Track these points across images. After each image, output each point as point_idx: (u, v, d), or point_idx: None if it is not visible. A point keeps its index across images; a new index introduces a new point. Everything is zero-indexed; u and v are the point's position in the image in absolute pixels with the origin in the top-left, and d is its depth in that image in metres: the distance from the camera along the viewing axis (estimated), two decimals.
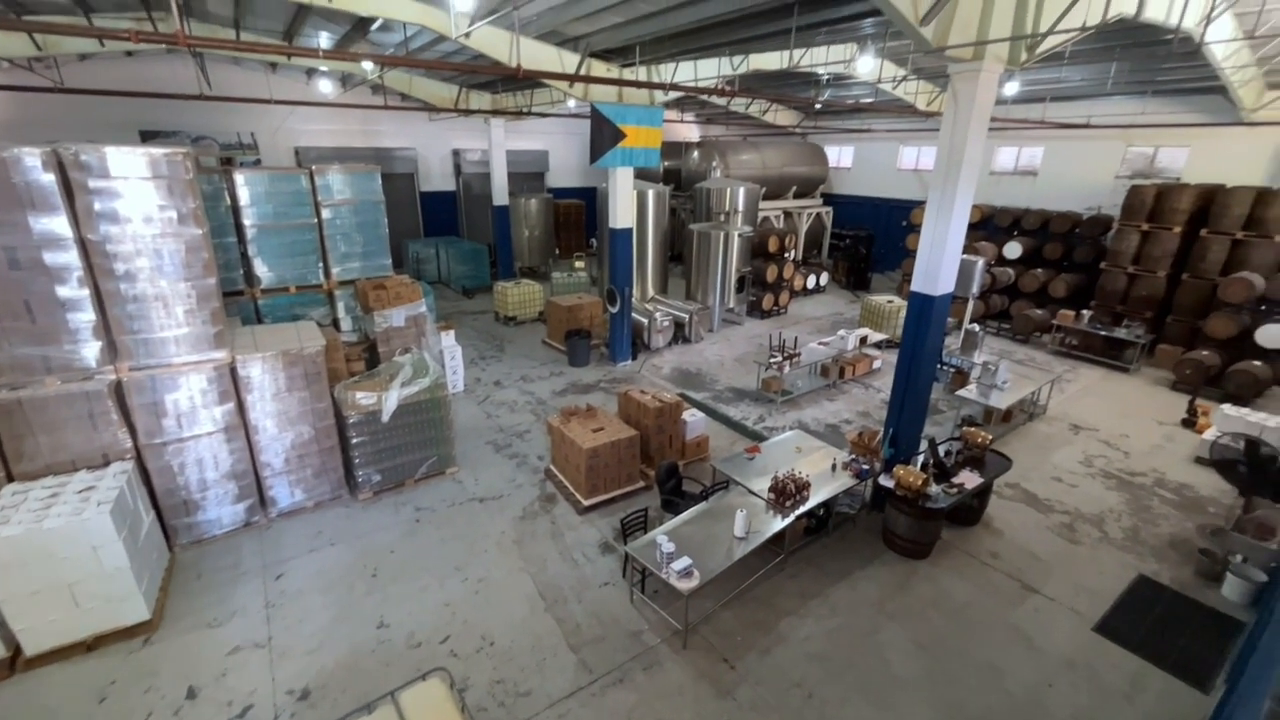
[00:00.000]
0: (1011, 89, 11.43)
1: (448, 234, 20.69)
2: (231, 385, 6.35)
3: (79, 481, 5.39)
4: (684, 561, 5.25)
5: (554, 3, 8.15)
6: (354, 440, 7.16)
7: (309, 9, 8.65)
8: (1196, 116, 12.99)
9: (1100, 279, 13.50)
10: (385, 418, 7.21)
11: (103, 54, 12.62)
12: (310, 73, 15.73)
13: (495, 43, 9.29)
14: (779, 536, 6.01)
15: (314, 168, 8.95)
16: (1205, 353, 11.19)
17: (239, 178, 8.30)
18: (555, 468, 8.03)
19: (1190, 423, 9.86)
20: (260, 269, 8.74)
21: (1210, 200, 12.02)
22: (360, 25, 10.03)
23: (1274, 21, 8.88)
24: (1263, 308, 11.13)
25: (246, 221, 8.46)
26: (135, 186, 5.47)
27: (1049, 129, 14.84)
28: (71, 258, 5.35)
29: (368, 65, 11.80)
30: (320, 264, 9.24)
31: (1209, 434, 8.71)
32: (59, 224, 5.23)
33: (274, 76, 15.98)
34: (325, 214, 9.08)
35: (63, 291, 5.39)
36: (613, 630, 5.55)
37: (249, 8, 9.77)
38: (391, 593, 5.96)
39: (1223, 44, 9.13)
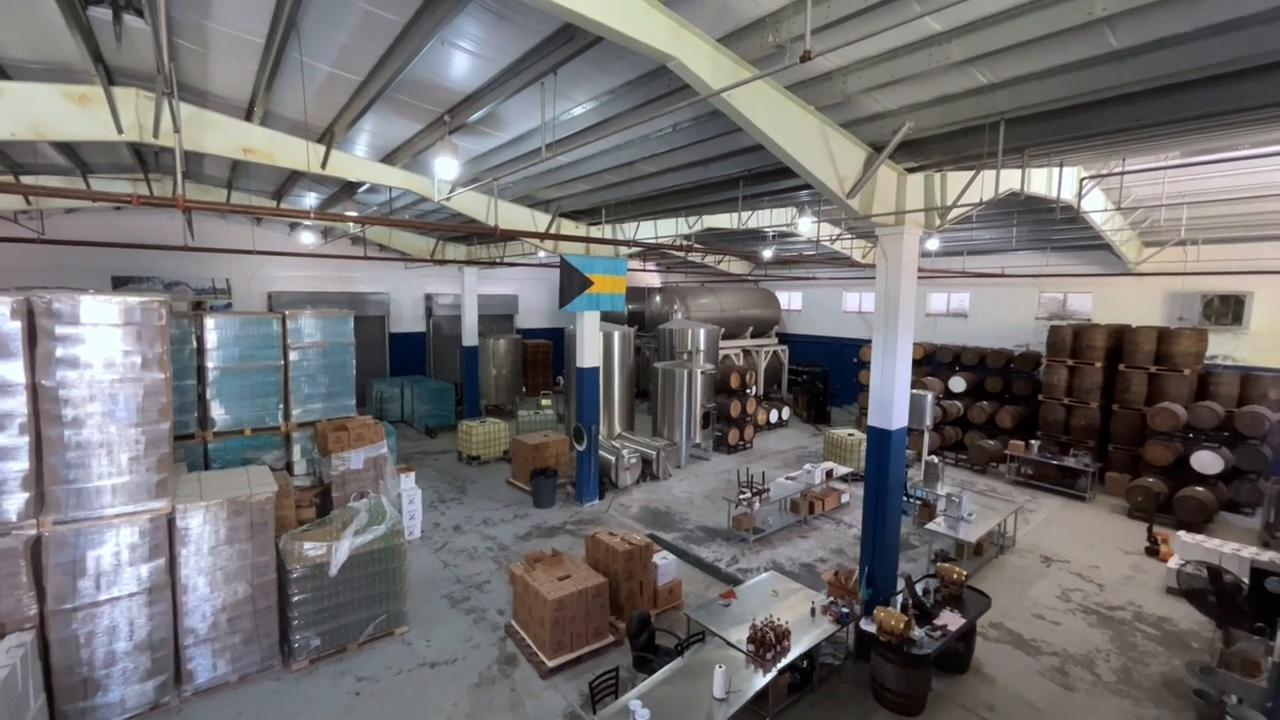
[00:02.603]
0: (933, 245, 13.02)
1: (415, 373, 20.82)
2: (166, 538, 5.86)
3: None
4: None
5: (529, 174, 9.18)
6: (295, 598, 6.52)
7: (302, 174, 9.46)
8: (1093, 268, 14.90)
9: (1041, 410, 14.34)
10: (334, 571, 6.67)
11: (90, 207, 13.23)
12: (294, 225, 16.71)
13: (474, 205, 10.22)
14: (762, 695, 5.53)
15: (287, 312, 9.16)
16: (1151, 480, 11.67)
17: (209, 321, 8.39)
18: (517, 623, 7.40)
19: (1154, 551, 9.97)
20: (217, 411, 8.51)
21: (1121, 338, 13.35)
22: (348, 187, 10.95)
23: (1135, 195, 10.67)
24: (1190, 435, 11.91)
25: (209, 364, 8.40)
26: (103, 333, 5.48)
27: (970, 277, 16.66)
28: (17, 404, 5.15)
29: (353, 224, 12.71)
30: (281, 405, 9.08)
31: (1173, 562, 8.79)
32: (13, 370, 5.12)
33: (258, 228, 16.89)
34: (293, 356, 9.12)
35: None
36: None
37: (244, 171, 10.61)
38: None
39: (1097, 212, 10.81)
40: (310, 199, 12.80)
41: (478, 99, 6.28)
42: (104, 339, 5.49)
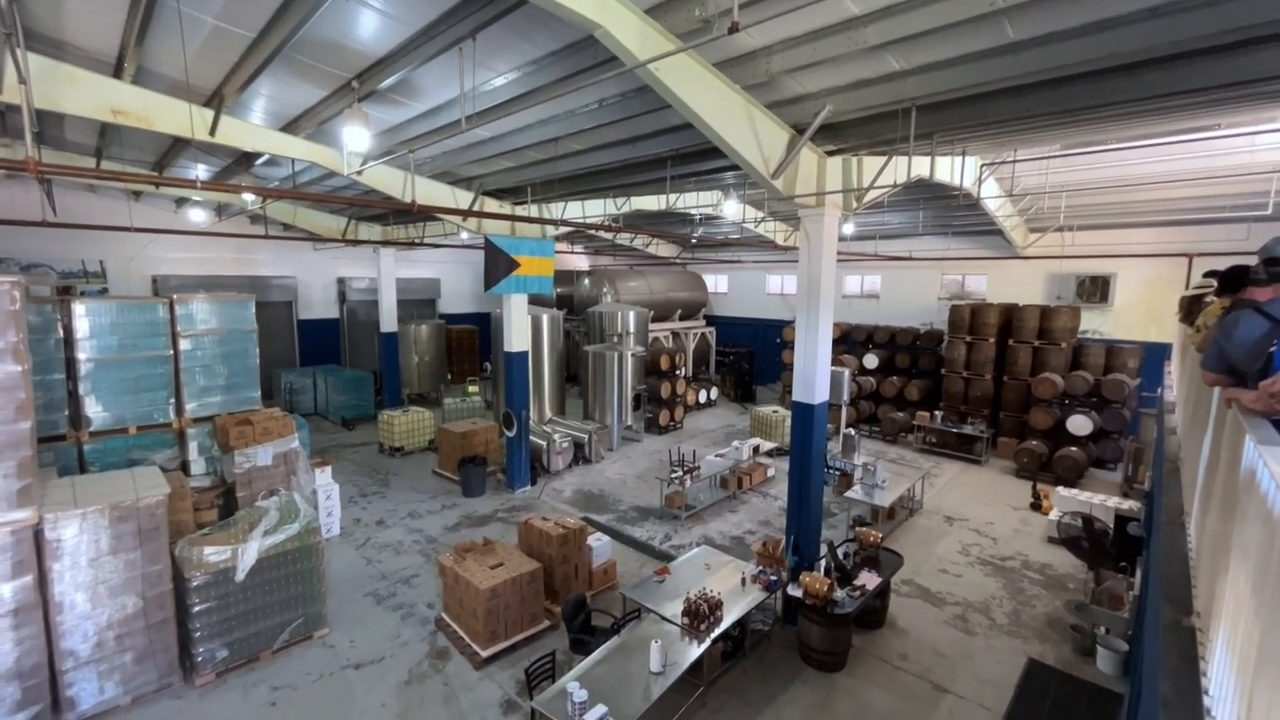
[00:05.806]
0: (849, 229, 13.68)
1: (328, 362, 19.50)
2: (33, 552, 5.17)
3: None
4: (598, 711, 4.74)
5: (448, 147, 8.70)
6: (196, 608, 5.97)
7: (187, 141, 8.48)
8: (987, 251, 16.20)
9: (944, 383, 15.54)
10: (240, 575, 6.16)
11: None
12: (181, 200, 15.05)
13: (389, 180, 9.59)
14: (697, 665, 5.68)
15: (175, 297, 8.27)
16: (1035, 443, 12.98)
17: (79, 308, 7.41)
18: (448, 616, 7.17)
19: (1037, 506, 11.12)
20: (93, 408, 7.57)
21: (1011, 316, 14.66)
22: (244, 158, 9.95)
23: (1023, 184, 11.66)
24: (1066, 402, 13.33)
25: (81, 355, 7.44)
26: None
27: (881, 260, 17.68)
28: None
29: (249, 197, 11.56)
30: (172, 400, 8.22)
31: (1053, 515, 9.85)
32: None
33: (137, 204, 15.06)
34: (184, 345, 8.26)
35: None
36: None
37: (115, 137, 9.36)
38: None
39: (992, 199, 11.74)
40: (199, 171, 11.52)
41: (389, 64, 5.85)
42: None
